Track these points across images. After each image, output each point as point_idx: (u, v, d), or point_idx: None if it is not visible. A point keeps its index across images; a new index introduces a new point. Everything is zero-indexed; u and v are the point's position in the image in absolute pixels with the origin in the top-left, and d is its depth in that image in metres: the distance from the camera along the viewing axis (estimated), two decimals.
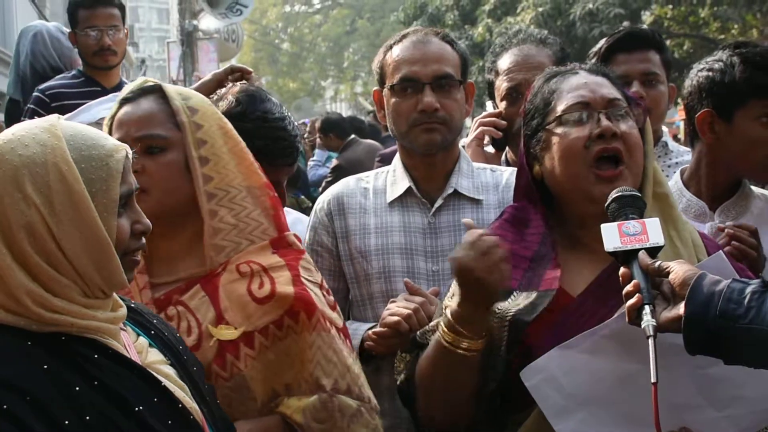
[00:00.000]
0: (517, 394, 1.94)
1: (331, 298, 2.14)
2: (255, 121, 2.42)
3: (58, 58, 4.69)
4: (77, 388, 1.50)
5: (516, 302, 1.98)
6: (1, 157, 1.53)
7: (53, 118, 1.62)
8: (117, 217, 1.59)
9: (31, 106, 4.21)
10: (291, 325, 1.98)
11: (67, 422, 1.46)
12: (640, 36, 3.13)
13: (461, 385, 1.98)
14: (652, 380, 1.63)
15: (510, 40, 3.07)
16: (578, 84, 2.08)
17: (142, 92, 2.11)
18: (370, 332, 2.42)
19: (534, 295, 1.98)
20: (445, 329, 1.94)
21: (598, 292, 1.99)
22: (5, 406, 1.42)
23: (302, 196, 8.84)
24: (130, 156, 1.65)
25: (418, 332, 2.14)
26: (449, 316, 1.93)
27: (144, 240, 1.67)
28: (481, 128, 3.01)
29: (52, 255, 1.53)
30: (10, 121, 4.52)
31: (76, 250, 1.54)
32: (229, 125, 2.12)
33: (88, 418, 1.48)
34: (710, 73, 2.63)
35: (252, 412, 1.97)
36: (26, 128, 1.58)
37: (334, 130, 9.52)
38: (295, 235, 2.16)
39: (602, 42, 3.16)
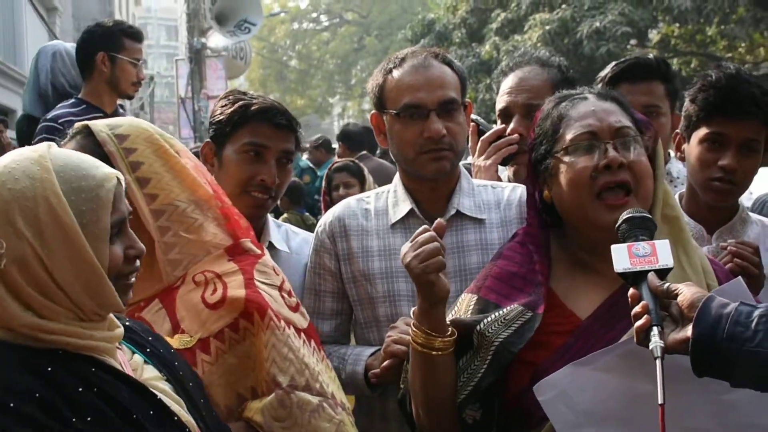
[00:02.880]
0: (523, 414, 1.94)
1: (294, 299, 2.16)
2: (254, 96, 2.76)
3: (76, 77, 4.73)
4: (80, 390, 1.53)
5: (505, 324, 1.99)
6: None
7: (43, 147, 1.64)
8: (110, 244, 1.61)
9: (45, 135, 4.20)
10: (247, 327, 2.01)
11: (74, 420, 1.48)
12: (645, 67, 3.10)
13: (438, 387, 2.02)
14: (659, 401, 1.63)
15: (514, 59, 3.07)
16: (586, 112, 2.07)
17: (68, 137, 2.17)
18: (377, 370, 2.38)
19: (528, 316, 1.99)
20: (413, 329, 2.02)
21: (606, 316, 1.99)
22: (11, 405, 1.44)
23: (306, 213, 8.84)
24: (123, 182, 1.67)
25: None
26: (413, 314, 2.03)
27: (138, 263, 1.69)
28: (498, 153, 2.92)
29: (44, 286, 1.56)
30: (25, 138, 4.55)
31: (68, 279, 1.57)
32: (165, 145, 2.14)
33: (89, 419, 1.50)
34: (687, 97, 2.72)
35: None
36: (17, 160, 1.60)
37: (346, 142, 9.38)
38: (252, 241, 2.18)
39: (608, 69, 3.14)
